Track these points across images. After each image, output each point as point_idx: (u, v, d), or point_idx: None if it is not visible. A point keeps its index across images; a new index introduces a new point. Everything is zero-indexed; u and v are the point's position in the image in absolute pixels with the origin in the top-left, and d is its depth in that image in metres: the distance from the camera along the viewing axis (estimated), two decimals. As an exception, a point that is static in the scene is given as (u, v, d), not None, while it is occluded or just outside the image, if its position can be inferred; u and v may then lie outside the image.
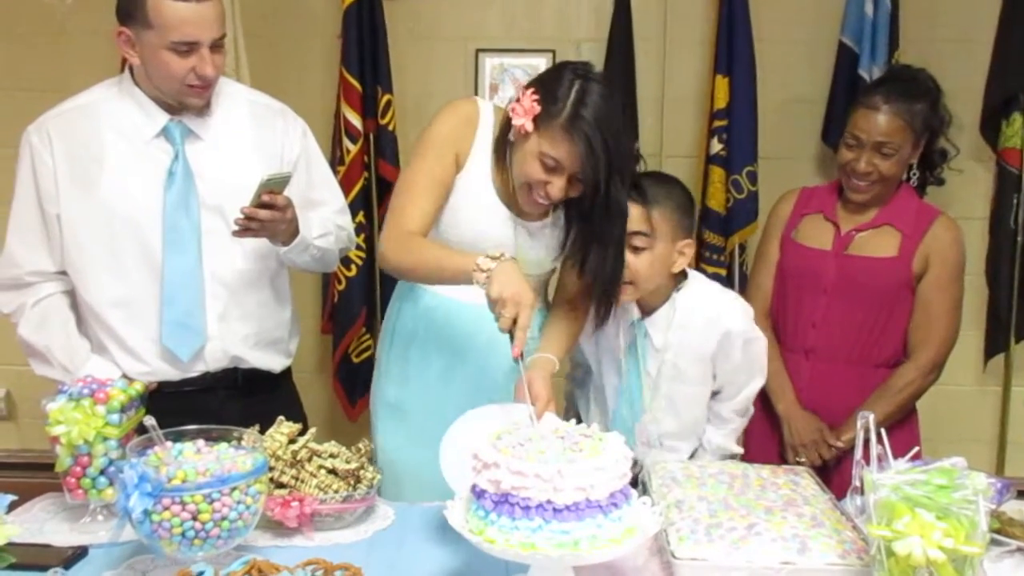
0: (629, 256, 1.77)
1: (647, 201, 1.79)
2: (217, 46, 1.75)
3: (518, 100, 1.68)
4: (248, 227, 1.71)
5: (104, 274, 1.81)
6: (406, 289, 1.96)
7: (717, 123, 2.98)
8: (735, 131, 2.96)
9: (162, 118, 1.80)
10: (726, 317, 1.87)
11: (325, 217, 1.96)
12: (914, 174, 2.13)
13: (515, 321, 1.51)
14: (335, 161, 3.00)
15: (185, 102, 1.79)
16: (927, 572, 1.24)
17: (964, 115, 2.96)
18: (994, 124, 2.96)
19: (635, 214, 1.77)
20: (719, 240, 3.02)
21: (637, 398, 1.92)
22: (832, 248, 2.10)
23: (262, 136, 1.91)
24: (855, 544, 1.44)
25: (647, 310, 1.91)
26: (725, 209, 3.00)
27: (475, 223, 1.80)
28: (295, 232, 1.82)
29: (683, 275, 1.90)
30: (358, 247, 2.99)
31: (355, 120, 2.98)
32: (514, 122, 1.68)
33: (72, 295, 1.86)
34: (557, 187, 1.68)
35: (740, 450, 2.05)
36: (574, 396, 2.12)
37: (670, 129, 3.12)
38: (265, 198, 1.69)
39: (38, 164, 1.79)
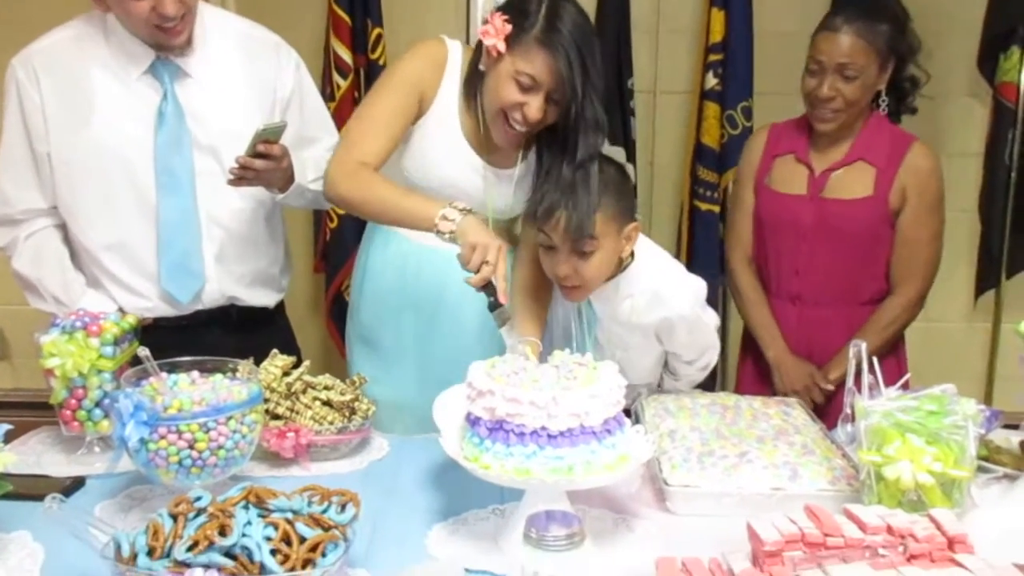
0: (577, 262, 1.63)
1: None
2: None
3: (487, 22, 1.65)
4: (243, 176, 1.68)
5: (98, 217, 1.78)
6: (374, 231, 1.94)
7: (712, 57, 2.94)
8: (731, 65, 2.92)
9: (148, 57, 1.74)
10: (670, 301, 1.70)
11: (319, 156, 1.91)
12: (883, 101, 2.02)
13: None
14: (325, 97, 2.93)
15: (161, 44, 1.73)
16: (916, 495, 1.26)
17: (962, 49, 2.95)
18: (992, 58, 2.93)
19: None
20: (713, 176, 3.01)
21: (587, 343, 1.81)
22: (807, 192, 2.06)
23: (254, 72, 1.86)
24: (845, 471, 1.46)
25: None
26: (719, 145, 2.98)
27: (443, 168, 1.78)
28: (291, 179, 1.79)
29: (630, 255, 1.76)
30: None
31: (345, 55, 2.94)
32: (486, 43, 1.64)
33: (64, 229, 1.83)
34: (534, 107, 1.64)
35: (705, 375, 1.94)
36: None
37: (665, 64, 3.08)
38: (261, 148, 1.66)
39: (25, 101, 1.75)
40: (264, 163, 1.68)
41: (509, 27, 1.62)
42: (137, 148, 1.75)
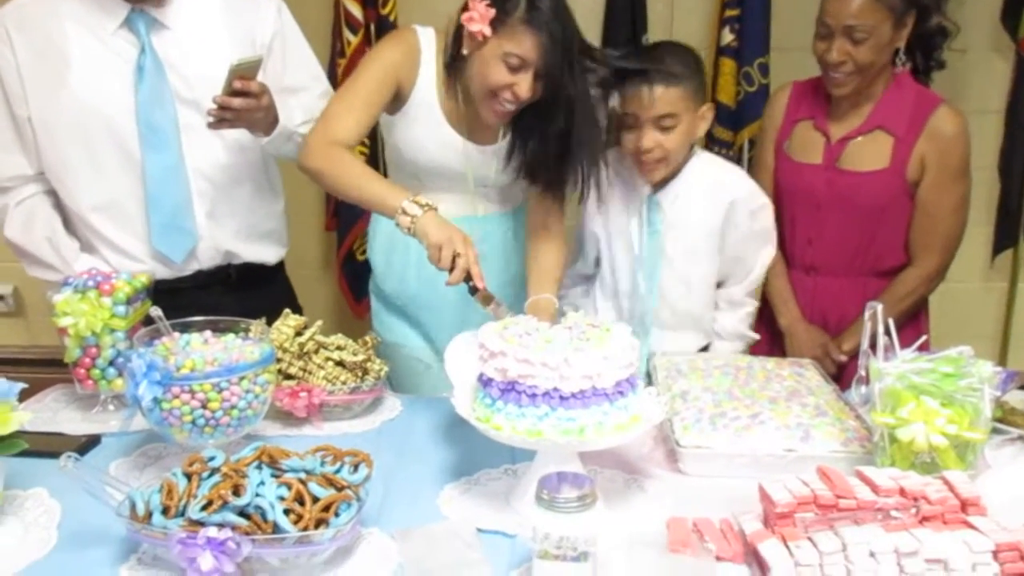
0: (659, 135, 1.81)
1: (670, 82, 1.80)
2: None
3: (465, 9, 1.69)
4: (223, 117, 1.65)
5: (84, 177, 1.75)
6: None
7: (729, 12, 2.87)
8: (747, 21, 2.85)
9: (122, 9, 1.70)
10: (730, 186, 1.92)
11: (308, 103, 1.88)
12: (900, 60, 1.92)
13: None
14: (336, 53, 2.92)
15: None
16: (929, 458, 1.26)
17: (985, 4, 2.88)
18: (1015, 13, 2.86)
19: (661, 97, 1.80)
20: (728, 135, 2.95)
21: (654, 271, 1.93)
22: (823, 161, 2.00)
23: (232, 18, 1.81)
24: (858, 432, 1.45)
25: (657, 185, 1.92)
26: (735, 103, 2.92)
27: (428, 150, 1.84)
28: (275, 121, 1.76)
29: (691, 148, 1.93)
30: (362, 143, 2.95)
31: (355, 10, 2.89)
32: (471, 29, 1.67)
33: (55, 195, 1.81)
34: (524, 86, 1.68)
35: (756, 336, 2.06)
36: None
37: (680, 18, 3.02)
38: (237, 85, 1.62)
39: (1, 62, 1.71)
40: (242, 101, 1.64)
41: (492, 11, 1.65)
42: (117, 104, 1.72)
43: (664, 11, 3.00)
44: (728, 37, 2.87)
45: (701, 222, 1.92)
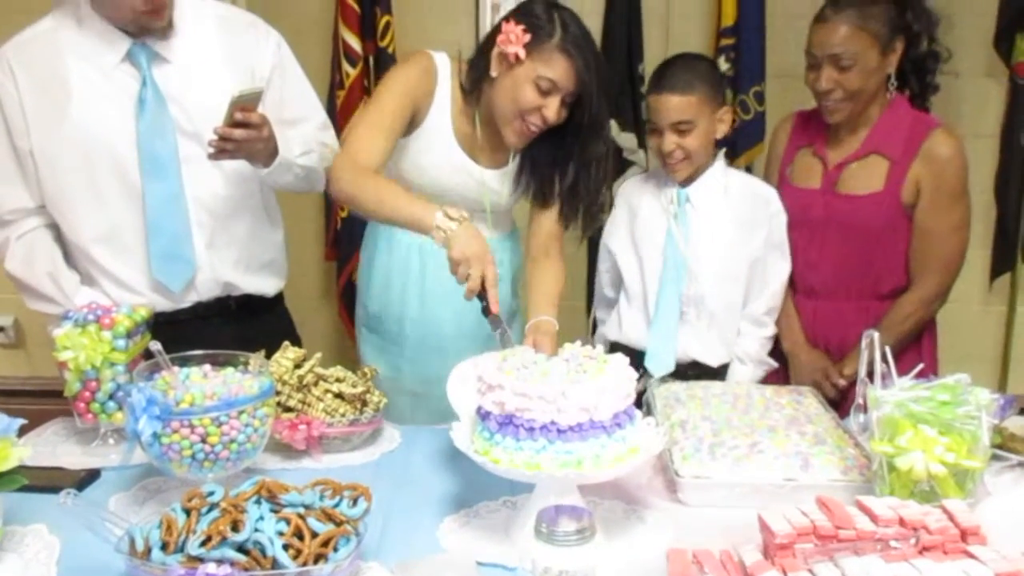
0: (678, 139, 1.91)
1: (683, 91, 1.90)
2: None
3: (499, 31, 1.74)
4: (223, 148, 1.66)
5: (85, 209, 1.76)
6: (380, 226, 2.00)
7: (724, 41, 2.91)
8: (743, 50, 2.89)
9: (124, 43, 1.72)
10: (754, 185, 2.07)
11: (307, 134, 1.90)
12: (892, 84, 1.95)
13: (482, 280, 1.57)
14: (335, 85, 2.95)
15: (144, 26, 1.71)
16: (928, 486, 1.26)
17: (978, 28, 2.91)
18: (1008, 38, 2.88)
19: (676, 104, 1.90)
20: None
21: (681, 263, 1.97)
22: (821, 186, 2.03)
23: (232, 52, 1.83)
24: (857, 460, 1.45)
25: (686, 181, 2.01)
26: (732, 130, 2.95)
27: (439, 173, 1.87)
28: (274, 152, 1.76)
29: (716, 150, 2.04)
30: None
31: (354, 42, 2.92)
32: (507, 51, 1.72)
33: (56, 228, 1.82)
34: (553, 109, 1.74)
35: (775, 364, 2.08)
36: (602, 332, 2.14)
37: (676, 49, 2.99)
38: (238, 116, 1.63)
39: (3, 96, 1.72)
40: (243, 132, 1.65)
41: (528, 35, 1.70)
42: (119, 136, 1.73)
43: (660, 41, 3.03)
44: (724, 66, 2.90)
45: (728, 209, 2.00)
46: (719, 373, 2.02)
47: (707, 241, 1.98)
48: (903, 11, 1.92)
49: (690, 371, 1.96)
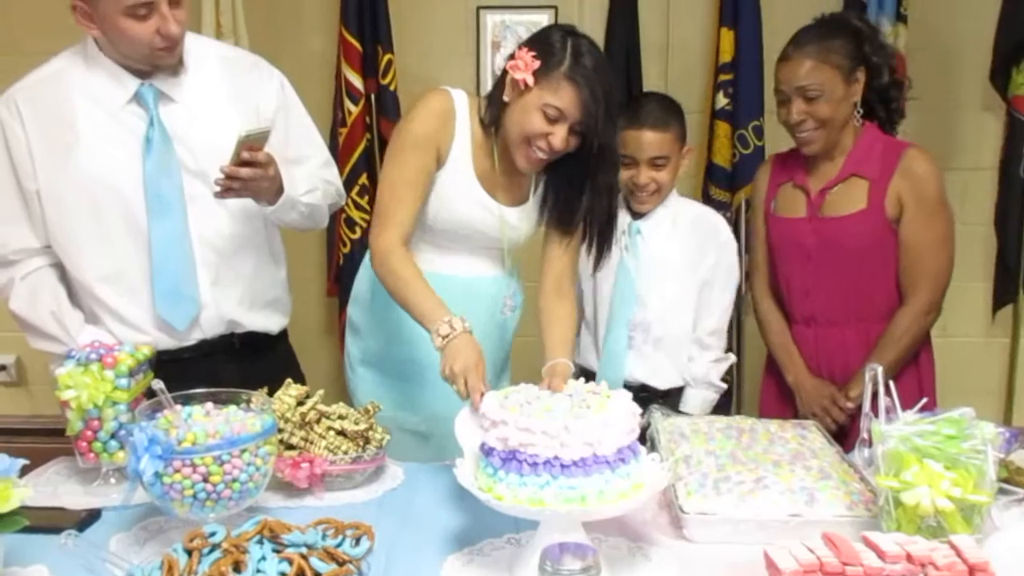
0: (653, 172, 2.04)
1: (662, 127, 2.04)
2: (175, 1, 1.68)
3: (512, 57, 1.74)
4: (230, 187, 1.67)
5: (91, 248, 1.77)
6: None
7: (723, 77, 2.95)
8: (741, 85, 2.93)
9: (133, 83, 1.74)
10: (706, 213, 2.21)
11: (310, 172, 1.91)
12: (858, 112, 2.02)
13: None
14: (337, 123, 2.98)
15: (157, 64, 1.74)
16: (935, 521, 1.25)
17: (975, 63, 2.94)
18: (1004, 72, 2.91)
19: (654, 141, 2.03)
20: (725, 196, 3.00)
21: (631, 291, 2.09)
22: (806, 213, 2.07)
23: (237, 92, 1.86)
24: (863, 495, 1.44)
25: (638, 215, 2.13)
26: (731, 165, 2.98)
27: (460, 211, 1.86)
28: (280, 190, 1.78)
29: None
30: (361, 209, 2.98)
31: (356, 80, 2.96)
32: (515, 76, 1.72)
33: (60, 267, 1.82)
34: (559, 137, 1.73)
35: (724, 386, 2.16)
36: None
37: (675, 83, 3.08)
38: (245, 155, 1.64)
39: (10, 138, 1.74)
40: (250, 171, 1.66)
41: (537, 63, 1.71)
42: (126, 176, 1.74)
43: (659, 76, 3.07)
44: (722, 101, 2.94)
45: (676, 240, 2.11)
46: (670, 396, 2.11)
47: (657, 270, 2.10)
48: (861, 44, 1.99)
49: (640, 394, 1.93)
